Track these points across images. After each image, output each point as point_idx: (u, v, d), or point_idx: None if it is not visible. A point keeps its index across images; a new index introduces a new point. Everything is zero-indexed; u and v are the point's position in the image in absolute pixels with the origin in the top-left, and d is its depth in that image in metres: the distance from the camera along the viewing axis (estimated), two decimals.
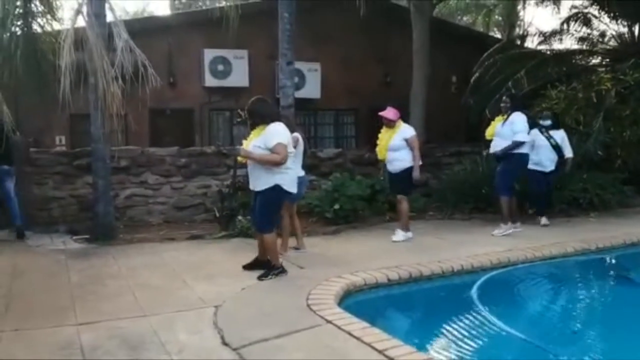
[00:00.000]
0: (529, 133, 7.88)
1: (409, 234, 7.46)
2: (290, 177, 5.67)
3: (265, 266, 5.75)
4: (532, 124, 8.17)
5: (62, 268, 6.29)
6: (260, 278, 5.61)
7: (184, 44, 12.12)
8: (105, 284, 5.62)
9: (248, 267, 5.95)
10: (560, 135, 8.71)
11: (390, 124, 7.39)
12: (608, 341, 4.86)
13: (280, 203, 5.86)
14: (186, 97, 12.36)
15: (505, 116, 7.92)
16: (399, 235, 7.42)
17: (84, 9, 7.57)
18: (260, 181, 5.59)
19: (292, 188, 5.72)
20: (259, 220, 5.77)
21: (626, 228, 8.18)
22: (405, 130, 7.39)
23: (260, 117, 5.67)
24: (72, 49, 7.17)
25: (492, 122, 8.28)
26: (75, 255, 7.00)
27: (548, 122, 8.77)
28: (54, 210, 8.74)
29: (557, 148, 8.63)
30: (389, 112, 7.39)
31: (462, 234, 7.98)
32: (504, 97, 8.23)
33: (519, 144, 7.69)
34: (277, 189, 5.56)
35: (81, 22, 7.59)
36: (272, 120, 5.62)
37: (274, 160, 5.44)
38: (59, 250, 7.25)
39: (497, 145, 7.90)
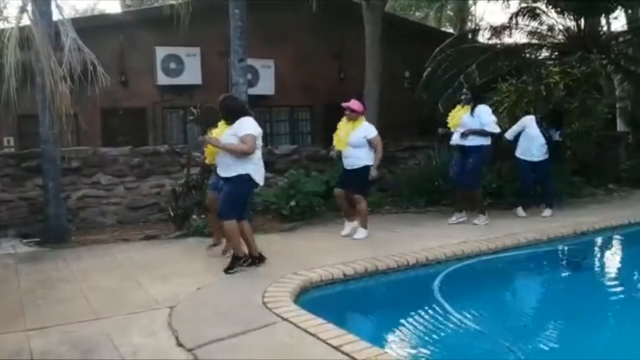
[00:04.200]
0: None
1: (366, 232, 7.43)
2: (260, 168, 5.90)
3: (232, 261, 5.82)
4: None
5: (11, 273, 6.13)
6: (226, 271, 5.71)
7: (136, 42, 11.91)
8: (57, 288, 5.50)
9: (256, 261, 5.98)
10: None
11: (352, 115, 7.24)
12: (561, 327, 5.00)
13: (247, 193, 6.09)
14: (138, 96, 12.16)
15: (465, 107, 8.09)
16: (361, 233, 7.33)
17: (29, 7, 7.37)
18: (230, 169, 5.73)
19: (261, 180, 5.94)
20: (221, 207, 5.80)
21: (576, 218, 8.40)
22: (368, 129, 7.26)
23: (232, 113, 5.87)
24: (17, 48, 6.99)
25: (452, 113, 8.33)
26: (25, 259, 6.83)
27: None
28: (3, 214, 8.47)
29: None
30: (354, 103, 7.26)
31: (417, 227, 8.08)
32: (464, 89, 8.37)
33: (490, 134, 7.96)
34: (246, 178, 5.75)
35: (26, 20, 7.40)
36: (243, 115, 5.83)
37: (241, 149, 5.63)
38: (7, 255, 7.06)
39: (458, 136, 8.06)
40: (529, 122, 8.79)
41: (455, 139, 8.17)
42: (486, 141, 8.02)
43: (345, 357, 3.60)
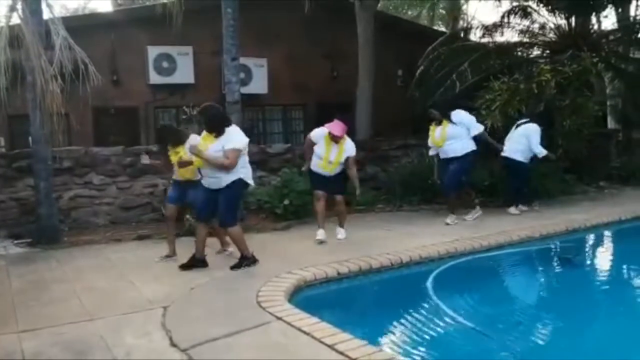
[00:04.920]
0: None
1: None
2: (249, 170, 5.94)
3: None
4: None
5: (2, 274, 6.08)
6: (232, 268, 5.84)
7: (128, 41, 11.86)
8: (49, 289, 5.47)
9: (186, 267, 5.94)
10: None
11: (336, 139, 6.93)
12: (555, 324, 5.02)
13: (242, 196, 6.21)
14: (131, 95, 12.11)
15: (439, 125, 8.11)
16: (343, 233, 7.34)
17: (19, 6, 7.32)
18: (221, 180, 5.72)
19: (252, 181, 6.01)
20: (224, 215, 5.87)
21: (568, 215, 8.44)
22: (351, 149, 7.08)
23: (218, 123, 5.80)
24: (7, 47, 6.94)
25: (432, 133, 8.29)
26: (16, 260, 6.79)
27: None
28: None
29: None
30: (337, 128, 6.91)
31: (410, 225, 8.09)
32: (429, 111, 8.33)
33: (483, 132, 8.15)
34: (241, 182, 5.81)
35: (17, 19, 7.34)
36: (228, 124, 5.84)
37: (222, 164, 5.63)
38: None
39: (455, 149, 8.04)
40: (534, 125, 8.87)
41: (446, 152, 8.14)
42: (474, 146, 8.09)
43: (339, 355, 3.60)
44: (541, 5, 12.49)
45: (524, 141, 8.76)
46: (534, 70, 10.14)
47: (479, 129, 8.15)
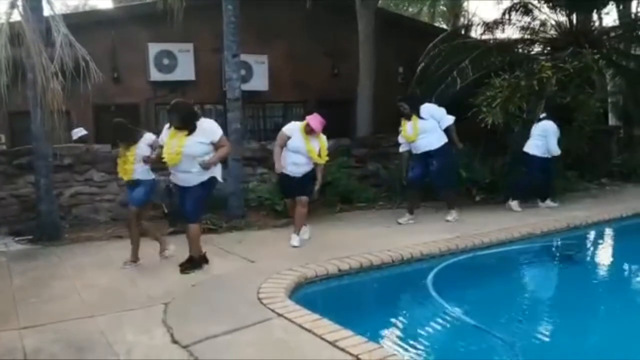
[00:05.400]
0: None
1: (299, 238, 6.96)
2: (220, 168, 5.86)
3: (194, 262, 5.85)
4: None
5: (3, 271, 6.10)
6: (183, 271, 5.71)
7: (128, 38, 11.84)
8: (50, 285, 5.47)
9: (189, 269, 5.77)
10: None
11: (313, 133, 6.74)
12: (556, 320, 5.03)
13: (211, 194, 6.07)
14: (131, 92, 12.09)
15: (409, 120, 7.98)
16: (296, 239, 6.84)
17: (20, 3, 7.31)
18: (197, 177, 5.66)
19: (220, 177, 5.90)
20: (192, 212, 5.79)
21: (569, 212, 8.44)
22: (326, 144, 6.94)
23: (192, 118, 5.73)
24: (8, 44, 6.93)
25: (404, 128, 8.12)
26: (17, 257, 6.79)
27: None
28: None
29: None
30: (316, 121, 6.71)
31: (411, 222, 8.06)
32: (400, 104, 8.14)
33: (453, 123, 7.99)
34: (214, 181, 5.78)
35: (17, 16, 7.33)
36: (198, 118, 5.77)
37: (227, 153, 5.78)
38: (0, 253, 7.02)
39: (429, 142, 7.89)
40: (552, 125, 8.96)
41: (421, 147, 7.98)
42: (445, 138, 7.94)
43: (341, 352, 3.60)
44: (542, 2, 12.46)
45: (543, 139, 8.90)
46: (535, 67, 10.10)
47: (450, 120, 8.00)
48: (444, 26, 20.90)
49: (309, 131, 6.71)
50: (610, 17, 17.53)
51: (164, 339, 3.98)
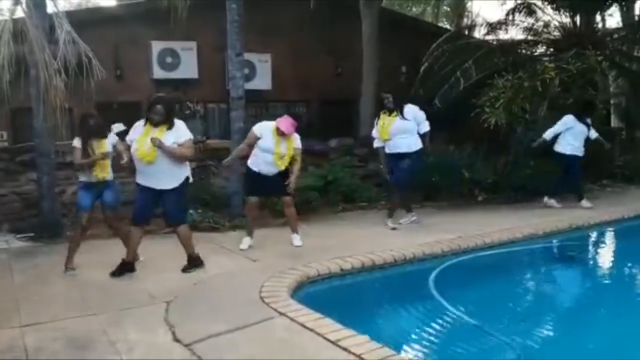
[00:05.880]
0: None
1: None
2: (189, 168, 5.83)
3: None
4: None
5: (4, 268, 6.09)
6: (184, 270, 5.68)
7: (131, 35, 11.81)
8: (51, 283, 5.47)
9: (117, 273, 5.62)
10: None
11: (285, 136, 6.52)
12: (557, 321, 5.01)
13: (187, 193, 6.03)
14: (134, 89, 12.05)
15: (393, 114, 7.70)
16: (298, 239, 6.80)
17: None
18: (170, 178, 5.58)
19: (191, 177, 5.84)
20: (176, 214, 5.80)
21: (572, 213, 8.42)
22: (297, 141, 6.68)
23: (174, 114, 5.70)
24: (11, 40, 6.92)
25: (382, 123, 7.82)
26: (18, 254, 6.78)
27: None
28: None
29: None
30: (286, 124, 6.48)
31: (414, 219, 8.05)
32: (383, 95, 7.92)
33: (429, 132, 7.80)
34: (187, 180, 5.73)
35: (21, 13, 7.33)
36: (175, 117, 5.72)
37: (183, 155, 5.56)
38: (1, 250, 7.01)
39: (409, 144, 7.63)
40: (572, 122, 9.02)
41: (396, 147, 7.69)
42: (421, 143, 7.71)
43: (343, 351, 3.59)
44: (546, 3, 12.46)
45: (563, 136, 9.02)
46: (538, 68, 10.10)
47: (428, 127, 7.79)
48: (448, 26, 20.86)
49: (280, 134, 6.50)
50: (613, 18, 17.52)
51: (165, 338, 3.97)
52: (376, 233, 7.30)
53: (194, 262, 5.77)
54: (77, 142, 5.90)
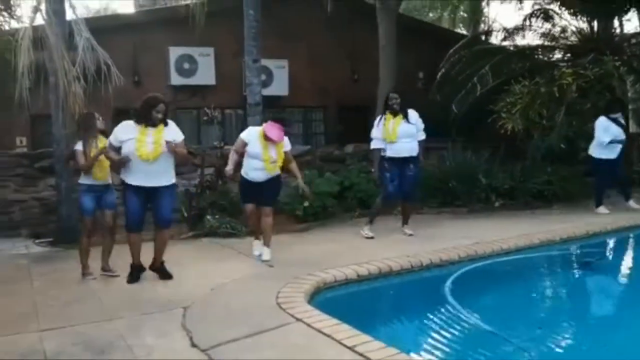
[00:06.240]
0: None
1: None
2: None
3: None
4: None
5: (24, 273, 6.16)
6: (163, 279, 5.71)
7: (149, 42, 11.93)
8: (70, 288, 5.51)
9: (132, 279, 5.69)
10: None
11: (273, 142, 6.32)
12: (574, 328, 4.95)
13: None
14: None
15: (398, 115, 7.53)
16: (268, 253, 6.43)
17: (43, 7, 7.41)
18: (167, 176, 5.60)
19: None
20: (169, 215, 5.78)
21: (588, 218, 8.36)
22: (285, 144, 6.50)
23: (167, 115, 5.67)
24: (31, 48, 7.01)
25: (387, 124, 7.60)
26: (38, 259, 6.86)
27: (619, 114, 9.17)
28: (16, 214, 8.52)
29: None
30: (274, 131, 6.26)
31: (430, 228, 8.04)
32: (391, 94, 7.74)
33: (424, 140, 7.74)
34: (175, 182, 5.81)
35: (40, 20, 7.43)
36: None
37: (188, 160, 5.79)
38: (20, 255, 7.10)
39: (412, 148, 7.54)
40: (606, 123, 8.95)
41: (399, 151, 7.53)
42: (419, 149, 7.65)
43: (359, 357, 3.58)
44: (563, 8, 12.39)
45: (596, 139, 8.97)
46: (555, 74, 10.04)
47: (424, 135, 7.72)
48: (465, 32, 20.82)
49: (269, 139, 6.31)
50: (631, 23, 17.36)
51: (183, 343, 3.98)
52: (392, 239, 7.28)
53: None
54: (79, 146, 5.87)
